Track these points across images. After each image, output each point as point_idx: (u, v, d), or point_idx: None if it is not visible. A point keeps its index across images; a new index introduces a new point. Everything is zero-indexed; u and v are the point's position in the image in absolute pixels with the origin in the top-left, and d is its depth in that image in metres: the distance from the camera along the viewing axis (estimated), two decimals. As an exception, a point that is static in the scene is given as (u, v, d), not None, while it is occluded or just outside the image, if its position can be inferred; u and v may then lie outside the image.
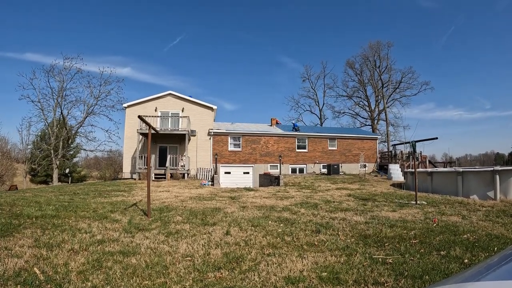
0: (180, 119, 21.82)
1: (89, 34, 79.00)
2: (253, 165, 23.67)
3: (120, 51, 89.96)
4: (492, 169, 9.55)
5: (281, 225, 5.89)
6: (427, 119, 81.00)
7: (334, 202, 9.07)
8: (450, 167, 23.58)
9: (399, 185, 14.18)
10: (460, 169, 10.98)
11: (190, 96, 23.19)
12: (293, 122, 28.96)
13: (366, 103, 44.45)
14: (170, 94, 22.76)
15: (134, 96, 76.18)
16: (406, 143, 12.84)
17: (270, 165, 24.00)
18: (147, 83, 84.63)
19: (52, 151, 26.68)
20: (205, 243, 4.66)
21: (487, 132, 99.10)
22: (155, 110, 22.20)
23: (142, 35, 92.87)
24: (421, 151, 23.42)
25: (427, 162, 24.37)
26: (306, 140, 25.48)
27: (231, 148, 23.55)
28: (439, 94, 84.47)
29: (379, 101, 42.68)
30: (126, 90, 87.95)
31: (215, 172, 20.54)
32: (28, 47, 69.26)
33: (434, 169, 15.07)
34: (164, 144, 21.87)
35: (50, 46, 74.54)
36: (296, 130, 26.45)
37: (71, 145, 31.35)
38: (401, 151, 24.32)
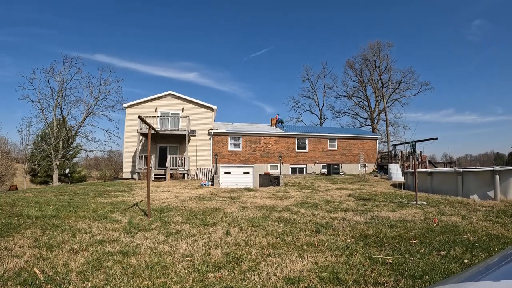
0: (180, 119, 21.82)
1: (173, 42, 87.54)
2: (253, 165, 23.66)
3: (194, 58, 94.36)
4: (492, 169, 9.54)
5: (281, 225, 5.89)
6: (444, 122, 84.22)
7: (334, 202, 9.07)
8: (450, 167, 23.58)
9: (399, 185, 14.17)
10: (460, 169, 10.98)
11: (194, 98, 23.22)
12: (278, 115, 28.53)
13: (366, 103, 44.51)
14: (170, 94, 22.76)
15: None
16: (406, 143, 12.83)
17: (270, 165, 24.00)
18: (208, 87, 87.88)
19: (52, 151, 26.69)
20: (205, 243, 4.66)
21: (487, 132, 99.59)
22: (155, 110, 22.20)
23: (227, 43, 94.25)
24: (421, 151, 23.42)
25: (427, 162, 24.36)
26: (306, 140, 25.48)
27: (231, 148, 23.55)
28: (456, 98, 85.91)
29: (379, 101, 42.70)
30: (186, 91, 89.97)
31: (215, 172, 20.54)
32: (102, 50, 77.02)
33: (434, 169, 15.07)
34: (164, 144, 21.88)
35: (130, 51, 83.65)
36: (281, 123, 27.37)
37: (71, 145, 31.34)
38: (401, 151, 24.31)
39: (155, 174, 18.89)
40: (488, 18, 73.99)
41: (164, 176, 18.88)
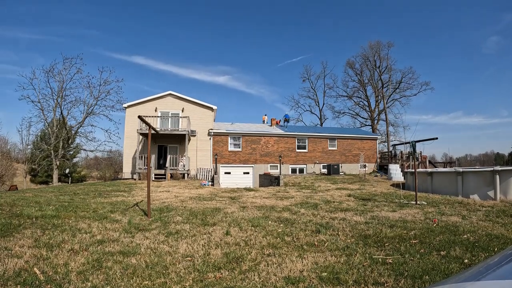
0: (180, 119, 21.82)
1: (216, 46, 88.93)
2: (253, 165, 23.66)
3: (230, 62, 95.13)
4: (492, 169, 9.55)
5: (281, 225, 5.88)
6: (452, 124, 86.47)
7: (334, 202, 9.07)
8: (450, 167, 23.57)
9: (399, 185, 14.17)
10: (460, 169, 10.98)
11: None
12: (286, 114, 29.09)
13: (366, 103, 44.50)
14: (170, 94, 22.76)
15: (212, 100, 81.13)
16: (406, 143, 12.84)
17: (270, 165, 24.00)
18: (237, 90, 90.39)
19: (52, 151, 26.69)
20: (205, 243, 4.66)
21: (492, 133, 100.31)
22: (155, 110, 22.20)
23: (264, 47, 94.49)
24: (421, 151, 23.40)
25: (427, 162, 24.36)
26: (306, 140, 25.48)
27: (231, 148, 23.55)
28: (465, 100, 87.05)
29: (379, 101, 42.70)
30: (210, 95, 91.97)
31: (215, 172, 20.53)
32: (140, 52, 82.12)
33: (434, 169, 15.07)
34: (164, 144, 21.88)
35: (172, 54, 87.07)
36: (287, 121, 27.95)
37: (71, 145, 31.35)
38: (401, 151, 24.32)
39: (155, 174, 18.89)
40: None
41: (164, 176, 18.88)
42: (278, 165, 22.96)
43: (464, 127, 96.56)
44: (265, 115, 29.95)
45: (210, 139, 22.90)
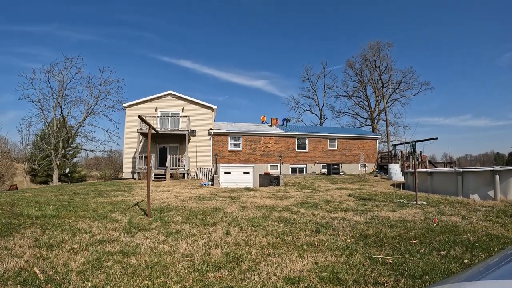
0: (180, 119, 21.81)
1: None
2: (253, 165, 23.66)
3: (271, 68, 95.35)
4: (492, 169, 9.54)
5: (281, 225, 5.89)
6: (460, 125, 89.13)
7: (334, 202, 9.07)
8: (450, 167, 23.57)
9: (399, 185, 14.17)
10: (460, 169, 10.98)
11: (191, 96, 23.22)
12: (283, 118, 29.47)
13: (366, 103, 44.48)
14: (170, 94, 22.75)
15: (243, 104, 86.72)
16: (406, 143, 12.84)
17: (270, 165, 24.00)
18: (270, 94, 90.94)
19: (52, 151, 26.69)
20: (205, 243, 4.66)
21: (497, 135, 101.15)
22: (155, 110, 22.19)
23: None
24: (421, 151, 23.40)
25: (427, 162, 24.35)
26: (306, 140, 25.48)
27: (231, 148, 23.54)
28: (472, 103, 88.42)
29: (379, 101, 42.68)
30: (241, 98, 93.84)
31: (215, 172, 20.53)
32: (188, 56, 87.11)
33: (434, 169, 15.07)
34: (164, 144, 21.87)
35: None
36: (286, 122, 28.19)
37: (71, 145, 31.34)
38: (401, 151, 24.32)
39: (155, 174, 18.89)
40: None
41: (164, 176, 18.88)
42: (278, 165, 22.96)
43: (472, 129, 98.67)
44: (264, 116, 29.96)
45: (210, 139, 22.90)
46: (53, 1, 71.63)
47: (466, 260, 3.61)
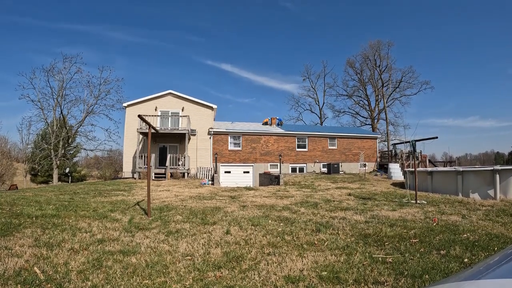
0: (180, 118, 21.81)
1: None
2: (253, 164, 23.67)
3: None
4: (492, 168, 9.54)
5: (281, 224, 5.89)
6: (467, 126, 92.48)
7: (334, 201, 9.07)
8: (450, 166, 23.58)
9: (399, 185, 14.18)
10: (460, 169, 10.97)
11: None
12: (278, 118, 29.43)
13: (366, 102, 44.51)
14: (170, 93, 22.74)
15: (268, 106, 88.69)
16: (406, 142, 12.83)
17: (270, 164, 24.00)
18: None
19: (52, 151, 26.70)
20: (205, 242, 4.66)
21: (502, 135, 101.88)
22: (155, 110, 22.19)
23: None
24: (421, 151, 23.39)
25: (427, 161, 24.37)
26: (306, 139, 25.48)
27: (231, 147, 23.55)
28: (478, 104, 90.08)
29: (379, 100, 42.67)
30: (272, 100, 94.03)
31: (215, 172, 20.53)
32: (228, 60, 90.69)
33: (434, 169, 15.07)
34: (164, 143, 21.88)
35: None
36: (280, 124, 27.96)
37: (71, 145, 31.37)
38: (401, 150, 24.30)
39: (155, 173, 18.89)
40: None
41: (164, 175, 18.89)
42: (278, 164, 22.96)
43: (478, 130, 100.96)
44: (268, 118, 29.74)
45: (210, 138, 22.90)
46: (112, 2, 76.35)
47: (466, 260, 3.61)
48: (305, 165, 25.15)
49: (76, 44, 69.71)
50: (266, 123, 28.47)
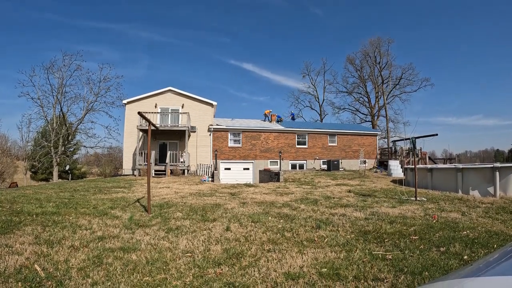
0: (180, 115, 21.78)
1: None
2: (253, 161, 23.67)
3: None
4: (492, 166, 9.55)
5: (281, 221, 5.90)
6: (471, 125, 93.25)
7: (334, 198, 9.08)
8: (450, 163, 23.59)
9: (399, 182, 14.19)
10: (460, 166, 10.98)
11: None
12: (291, 112, 29.48)
13: (366, 99, 44.41)
14: (170, 90, 22.68)
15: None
16: (406, 139, 12.82)
17: (270, 161, 24.01)
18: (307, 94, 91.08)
19: (52, 148, 26.70)
20: (205, 239, 4.67)
21: (505, 133, 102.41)
22: (155, 106, 22.15)
23: None
24: (421, 148, 23.38)
25: (427, 158, 24.37)
26: (306, 136, 25.46)
27: (231, 144, 23.54)
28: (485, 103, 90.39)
29: (379, 97, 42.60)
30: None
31: (215, 168, 20.55)
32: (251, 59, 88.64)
33: (434, 166, 15.07)
34: (164, 140, 21.87)
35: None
36: (292, 119, 27.95)
37: (71, 142, 31.39)
38: (401, 147, 24.29)
39: (155, 170, 18.91)
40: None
41: (164, 172, 18.90)
42: (278, 161, 22.97)
43: (481, 128, 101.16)
44: (269, 110, 29.72)
45: (210, 135, 22.88)
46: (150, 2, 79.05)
47: (465, 257, 3.62)
48: (305, 162, 25.16)
49: (98, 42, 72.15)
50: (266, 116, 28.45)
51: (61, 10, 71.81)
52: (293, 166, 24.85)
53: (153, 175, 18.22)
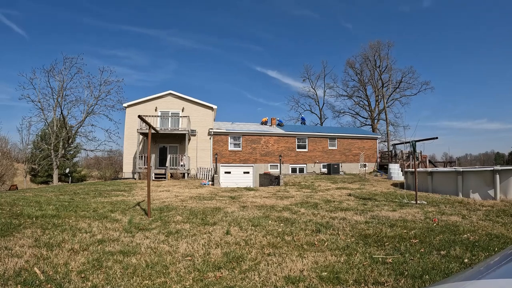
0: (180, 118, 21.81)
1: None
2: (253, 164, 23.66)
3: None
4: (492, 168, 9.54)
5: (281, 224, 5.89)
6: (475, 128, 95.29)
7: (334, 201, 9.07)
8: (450, 166, 23.57)
9: (399, 185, 14.17)
10: (460, 169, 10.97)
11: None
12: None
13: (366, 103, 44.48)
14: (170, 93, 22.74)
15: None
16: (406, 142, 12.83)
17: (270, 165, 24.00)
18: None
19: (52, 151, 26.69)
20: (205, 242, 4.66)
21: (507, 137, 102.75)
22: (155, 110, 22.19)
23: None
24: (421, 151, 23.38)
25: (427, 161, 24.35)
26: (306, 140, 25.48)
27: (231, 147, 23.55)
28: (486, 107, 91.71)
29: (379, 101, 42.67)
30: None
31: (215, 172, 20.53)
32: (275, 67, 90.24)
33: (434, 169, 15.07)
34: (164, 144, 21.88)
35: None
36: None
37: (71, 145, 31.34)
38: (401, 151, 24.31)
39: (155, 174, 18.90)
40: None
41: (164, 176, 18.89)
42: (278, 164, 22.96)
43: (485, 132, 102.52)
44: (266, 117, 29.84)
45: (210, 138, 22.90)
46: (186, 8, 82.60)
47: (466, 260, 3.61)
48: (305, 165, 25.15)
49: (128, 47, 74.13)
50: (263, 124, 28.44)
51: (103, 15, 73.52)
52: (293, 170, 24.84)
53: (153, 178, 18.20)
